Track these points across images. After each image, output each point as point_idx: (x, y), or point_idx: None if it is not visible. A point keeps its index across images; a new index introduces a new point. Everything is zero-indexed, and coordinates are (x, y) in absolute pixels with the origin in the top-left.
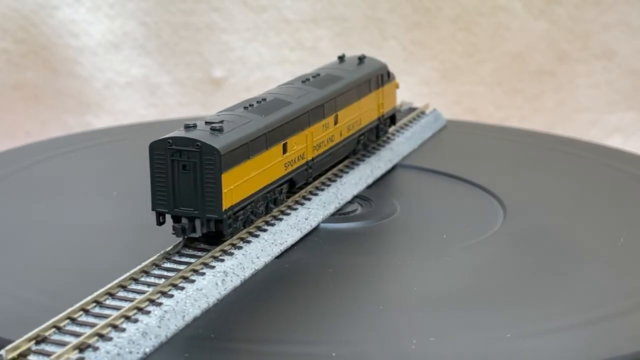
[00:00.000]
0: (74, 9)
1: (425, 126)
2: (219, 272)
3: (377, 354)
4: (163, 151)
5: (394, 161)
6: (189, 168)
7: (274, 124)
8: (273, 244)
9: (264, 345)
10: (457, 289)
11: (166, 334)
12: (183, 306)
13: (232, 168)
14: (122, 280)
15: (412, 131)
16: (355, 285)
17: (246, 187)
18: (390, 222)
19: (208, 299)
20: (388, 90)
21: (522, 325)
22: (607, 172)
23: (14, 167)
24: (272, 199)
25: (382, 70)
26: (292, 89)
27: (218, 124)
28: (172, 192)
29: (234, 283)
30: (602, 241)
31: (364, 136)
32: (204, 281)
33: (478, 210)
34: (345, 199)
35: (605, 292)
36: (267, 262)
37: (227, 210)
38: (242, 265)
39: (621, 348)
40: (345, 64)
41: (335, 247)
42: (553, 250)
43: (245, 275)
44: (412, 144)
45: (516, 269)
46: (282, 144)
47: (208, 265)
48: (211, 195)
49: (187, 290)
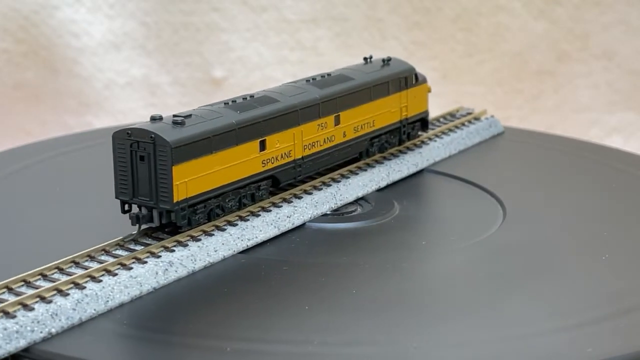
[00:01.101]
0: (74, 9)
1: (474, 132)
2: (163, 262)
3: (302, 353)
4: (123, 142)
5: (421, 166)
6: (145, 159)
7: (247, 120)
8: (239, 238)
9: (188, 338)
10: (419, 293)
11: (81, 317)
12: (109, 292)
13: (187, 161)
14: (62, 263)
15: (454, 137)
16: (302, 285)
17: (208, 181)
18: (382, 224)
19: (142, 287)
20: (415, 93)
21: (522, 325)
22: (607, 172)
23: (14, 166)
24: (248, 195)
25: (407, 73)
26: (290, 87)
27: (182, 118)
28: (131, 182)
29: (179, 274)
30: (602, 241)
31: (379, 138)
32: (142, 269)
33: (478, 213)
34: (344, 199)
35: (605, 292)
36: (227, 256)
37: (180, 202)
38: (194, 257)
39: (621, 348)
40: (366, 66)
41: (313, 246)
42: (553, 250)
43: (195, 268)
44: (449, 149)
45: (514, 268)
46: (258, 141)
47: (154, 254)
48: (164, 186)
49: (119, 276)
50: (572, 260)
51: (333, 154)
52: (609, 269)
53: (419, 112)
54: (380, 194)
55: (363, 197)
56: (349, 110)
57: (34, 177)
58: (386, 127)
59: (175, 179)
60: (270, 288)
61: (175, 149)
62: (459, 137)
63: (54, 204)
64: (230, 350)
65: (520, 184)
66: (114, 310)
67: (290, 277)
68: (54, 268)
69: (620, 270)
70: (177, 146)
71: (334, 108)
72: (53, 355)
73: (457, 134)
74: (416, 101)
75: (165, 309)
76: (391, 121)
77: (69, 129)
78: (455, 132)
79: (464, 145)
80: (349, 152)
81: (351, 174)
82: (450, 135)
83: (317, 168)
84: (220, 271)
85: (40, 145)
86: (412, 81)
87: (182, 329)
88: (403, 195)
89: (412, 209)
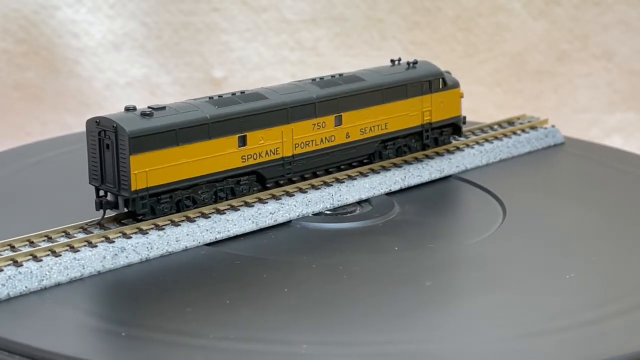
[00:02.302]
0: (74, 9)
1: (524, 142)
2: (114, 247)
3: (195, 345)
4: (93, 129)
5: (447, 172)
6: (109, 147)
7: (223, 115)
8: (207, 231)
9: (108, 324)
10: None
11: (9, 292)
12: (46, 271)
13: (148, 152)
14: (16, 241)
15: (496, 145)
16: (240, 280)
17: (173, 172)
18: (370, 226)
19: (84, 269)
20: (442, 97)
21: (522, 325)
22: (607, 172)
23: (14, 166)
24: (226, 189)
25: (433, 77)
26: (289, 86)
27: (151, 110)
28: (99, 169)
29: (129, 260)
30: (602, 241)
31: (394, 142)
32: (89, 252)
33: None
34: (343, 200)
35: (605, 292)
36: (190, 247)
37: (139, 191)
38: (151, 245)
39: (621, 348)
40: (387, 68)
41: (284, 244)
42: (552, 250)
43: (150, 256)
44: (487, 157)
45: (513, 269)
46: (237, 136)
47: (109, 239)
48: (123, 174)
49: (62, 257)
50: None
51: (333, 154)
52: (608, 269)
53: (447, 117)
54: (389, 197)
55: (367, 200)
56: (355, 112)
57: (34, 177)
58: (403, 131)
59: (133, 168)
60: (209, 280)
61: (133, 139)
62: (502, 145)
63: (49, 197)
64: (125, 335)
65: (542, 203)
66: (49, 289)
67: (236, 271)
68: (6, 245)
69: (621, 269)
70: (136, 136)
71: (334, 108)
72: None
73: (502, 142)
74: (444, 106)
75: (98, 293)
76: (409, 125)
77: (69, 129)
78: (500, 139)
79: (507, 154)
80: (353, 153)
81: (360, 176)
82: (493, 143)
83: (312, 167)
84: (175, 261)
85: (41, 145)
86: (439, 85)
87: (105, 313)
88: (411, 200)
89: (410, 213)
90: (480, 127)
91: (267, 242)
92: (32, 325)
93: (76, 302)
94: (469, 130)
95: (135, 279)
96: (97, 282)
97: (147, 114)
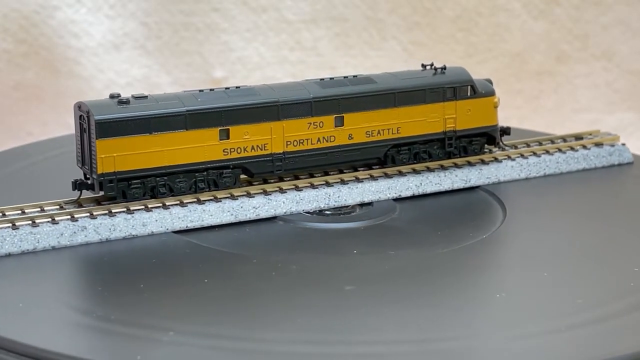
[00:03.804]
0: (74, 9)
1: (580, 158)
2: (76, 225)
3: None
4: (77, 113)
5: (474, 182)
6: (86, 131)
7: (203, 109)
8: (180, 219)
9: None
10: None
11: None
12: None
13: (116, 137)
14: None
15: (544, 159)
16: (177, 270)
17: (144, 160)
18: (352, 228)
19: (38, 243)
20: (469, 105)
21: (522, 325)
22: (606, 172)
23: (14, 166)
24: (208, 180)
25: (459, 84)
26: (290, 84)
27: (129, 98)
28: (81, 151)
29: (88, 239)
30: (602, 240)
31: (409, 147)
32: (48, 228)
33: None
34: (341, 201)
35: (605, 292)
36: (156, 232)
37: (105, 175)
38: (115, 227)
39: (621, 348)
40: (409, 72)
41: (253, 239)
42: (552, 250)
43: (111, 237)
44: (527, 171)
45: (512, 269)
46: (219, 129)
47: (73, 217)
48: (93, 157)
49: (20, 230)
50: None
51: (333, 155)
52: (609, 270)
53: (477, 126)
54: (396, 202)
55: (370, 203)
56: (359, 113)
57: (34, 177)
58: (420, 137)
59: (99, 152)
60: (148, 267)
61: (99, 124)
62: (551, 160)
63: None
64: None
65: (560, 225)
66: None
67: (178, 259)
68: None
69: (622, 269)
70: (103, 122)
71: (334, 109)
72: None
73: (551, 157)
74: (472, 114)
75: (44, 267)
76: (427, 131)
77: (70, 129)
78: (550, 154)
79: (554, 170)
80: (357, 155)
81: (369, 179)
82: (540, 157)
83: (308, 166)
84: (135, 245)
85: (41, 145)
86: (467, 93)
87: (37, 290)
88: (419, 206)
89: (403, 220)
90: (539, 140)
91: (237, 235)
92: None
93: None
94: (523, 142)
95: (82, 257)
96: (47, 255)
97: (124, 102)
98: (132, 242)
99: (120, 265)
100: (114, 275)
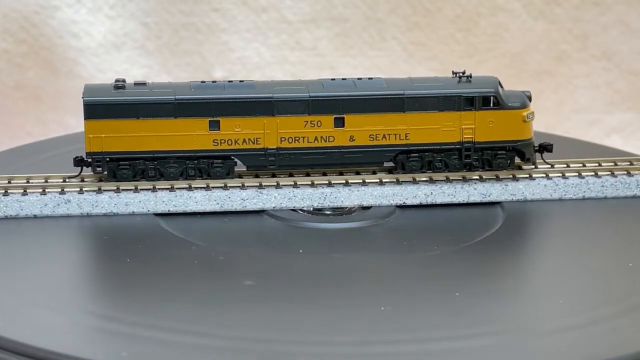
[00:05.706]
0: (74, 9)
1: (634, 185)
2: (61, 198)
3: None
4: (83, 96)
5: (494, 197)
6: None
7: (192, 99)
8: (163, 202)
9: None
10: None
11: None
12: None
13: (104, 119)
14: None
15: (588, 181)
16: (136, 251)
17: (131, 143)
18: (339, 230)
19: (21, 210)
20: (491, 117)
21: (522, 325)
22: None
23: (14, 166)
24: (199, 168)
25: (479, 94)
26: (292, 82)
27: (127, 83)
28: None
29: (69, 212)
30: (601, 240)
31: (421, 155)
32: (34, 197)
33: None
34: (337, 202)
35: (605, 293)
36: (137, 212)
37: (93, 154)
38: (97, 203)
39: (621, 348)
40: (429, 78)
41: (229, 232)
42: (551, 250)
43: (92, 212)
44: (563, 192)
45: (511, 269)
46: (208, 120)
47: (63, 191)
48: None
49: (9, 196)
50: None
51: (331, 155)
52: (609, 270)
53: (500, 138)
54: (402, 209)
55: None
56: (362, 116)
57: None
58: (431, 145)
59: (87, 132)
60: (111, 244)
61: (88, 105)
62: (595, 182)
63: None
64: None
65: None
66: None
67: (129, 239)
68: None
69: (622, 270)
70: (91, 104)
71: (334, 109)
72: None
73: (597, 179)
74: (495, 126)
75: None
76: (440, 140)
77: (70, 129)
78: (598, 176)
79: (596, 194)
80: (360, 158)
81: (377, 184)
82: (584, 178)
83: (304, 164)
84: (114, 222)
85: (41, 145)
86: (489, 104)
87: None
88: (422, 216)
89: (389, 226)
90: (599, 161)
91: (212, 224)
92: None
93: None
94: (578, 161)
95: (58, 228)
96: (29, 223)
97: (120, 87)
98: (113, 219)
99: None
100: None
